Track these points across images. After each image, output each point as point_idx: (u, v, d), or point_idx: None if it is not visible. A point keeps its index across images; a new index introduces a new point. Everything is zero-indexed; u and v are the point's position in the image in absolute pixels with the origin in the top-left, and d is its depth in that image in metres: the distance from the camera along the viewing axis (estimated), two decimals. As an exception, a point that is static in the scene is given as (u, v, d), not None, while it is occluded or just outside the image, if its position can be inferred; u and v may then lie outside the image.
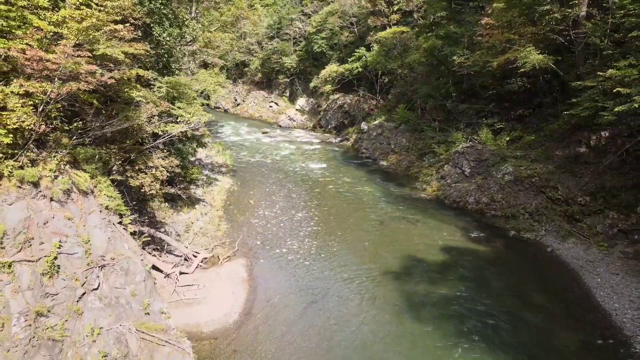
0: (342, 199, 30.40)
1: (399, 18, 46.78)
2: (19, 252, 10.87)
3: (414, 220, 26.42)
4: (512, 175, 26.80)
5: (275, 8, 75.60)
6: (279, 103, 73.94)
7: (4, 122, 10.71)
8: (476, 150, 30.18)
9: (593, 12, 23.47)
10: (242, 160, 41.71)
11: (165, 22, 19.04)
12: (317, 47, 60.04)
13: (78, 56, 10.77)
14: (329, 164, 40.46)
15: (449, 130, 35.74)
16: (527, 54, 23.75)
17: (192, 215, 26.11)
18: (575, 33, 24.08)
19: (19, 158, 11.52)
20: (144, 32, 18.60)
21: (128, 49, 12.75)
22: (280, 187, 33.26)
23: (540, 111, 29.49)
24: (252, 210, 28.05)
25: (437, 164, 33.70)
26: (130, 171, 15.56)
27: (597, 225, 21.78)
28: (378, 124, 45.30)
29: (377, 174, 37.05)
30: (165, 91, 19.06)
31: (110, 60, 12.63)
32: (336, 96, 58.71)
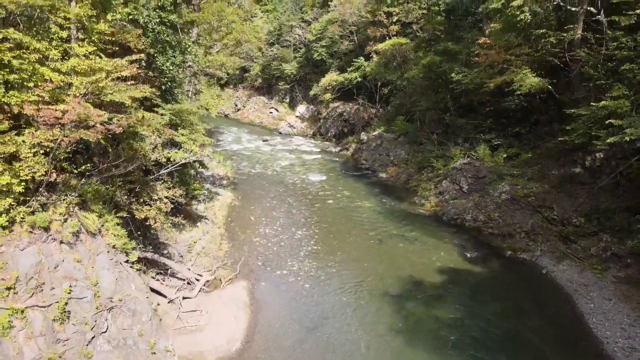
0: (341, 215, 30.86)
1: (398, 29, 47.16)
2: (30, 297, 11.34)
3: (412, 238, 26.89)
4: (508, 194, 27.26)
5: (275, 14, 75.99)
6: (279, 109, 74.38)
7: (17, 172, 11.14)
8: (474, 167, 30.63)
9: (588, 35, 23.83)
10: (243, 171, 42.14)
11: (168, 51, 19.46)
12: (317, 55, 60.45)
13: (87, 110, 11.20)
14: (329, 175, 40.88)
15: (447, 144, 36.19)
16: (523, 77, 24.19)
17: (194, 234, 26.56)
18: (570, 55, 24.51)
19: (30, 203, 11.97)
20: (147, 61, 19.02)
21: (135, 93, 13.17)
22: (280, 201, 33.70)
23: (537, 129, 29.93)
24: (253, 228, 28.49)
25: (435, 179, 34.14)
26: (135, 203, 16.00)
27: (592, 247, 22.24)
28: (377, 135, 45.76)
29: (377, 187, 37.50)
30: (169, 119, 19.48)
31: (117, 105, 13.04)
32: (336, 104, 59.13)
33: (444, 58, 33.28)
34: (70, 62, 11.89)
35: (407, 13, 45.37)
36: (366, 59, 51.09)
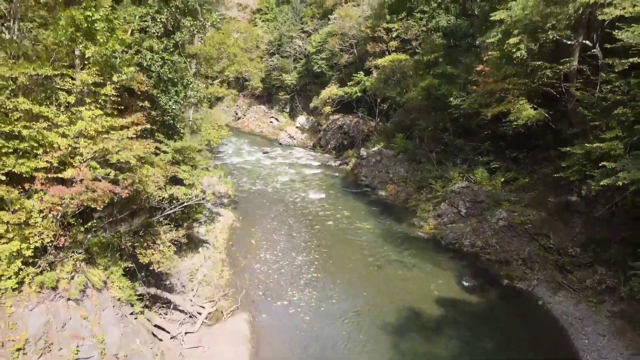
0: (341, 239, 31.22)
1: (397, 45, 47.48)
2: (39, 358, 11.71)
3: (411, 265, 27.26)
4: (506, 221, 27.63)
5: (275, 24, 76.32)
6: (280, 119, 74.77)
7: (27, 237, 11.51)
8: (472, 191, 30.99)
9: (584, 68, 24.18)
10: (243, 188, 42.53)
11: (171, 89, 19.84)
12: (317, 68, 60.82)
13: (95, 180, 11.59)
14: (329, 193, 41.25)
15: (446, 163, 36.56)
16: (520, 108, 24.54)
17: (196, 260, 26.94)
18: (566, 86, 24.87)
19: (39, 263, 12.34)
20: (150, 100, 19.39)
21: (140, 152, 13.51)
22: (280, 222, 34.06)
23: (534, 154, 30.26)
24: (254, 252, 28.87)
25: (434, 200, 34.52)
26: (139, 247, 16.37)
27: (587, 279, 22.60)
28: (377, 151, 46.10)
29: (376, 206, 37.88)
30: (172, 157, 19.86)
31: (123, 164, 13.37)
32: (336, 116, 59.49)
33: (443, 81, 33.65)
34: (77, 125, 12.26)
35: (407, 30, 45.67)
36: (366, 73, 51.43)
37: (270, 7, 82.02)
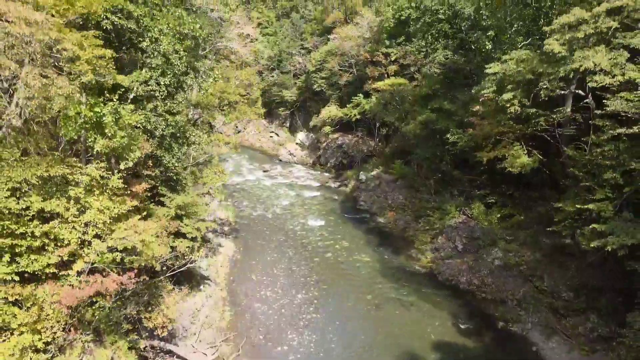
0: (340, 273, 31.76)
1: (396, 69, 48.02)
2: None
3: (408, 304, 27.81)
4: (501, 261, 28.22)
5: (275, 39, 76.85)
6: (280, 134, 75.33)
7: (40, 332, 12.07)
8: (468, 227, 31.58)
9: (577, 116, 24.70)
10: (244, 213, 43.10)
11: (174, 147, 20.41)
12: (317, 86, 61.29)
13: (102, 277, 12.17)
14: (328, 219, 41.80)
15: (443, 194, 37.13)
16: (514, 154, 25.08)
17: (198, 299, 27.50)
18: (560, 131, 25.43)
19: (50, 349, 12.90)
20: (154, 159, 19.95)
21: (146, 236, 14.06)
22: (280, 254, 34.62)
23: (529, 191, 30.79)
24: (254, 290, 29.41)
25: (431, 231, 35.08)
26: (143, 312, 16.93)
27: (580, 326, 23.16)
28: (376, 175, 46.68)
29: (375, 235, 38.44)
30: (174, 212, 20.42)
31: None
32: (335, 135, 60.05)
33: (440, 115, 34.20)
34: (86, 216, 12.83)
35: (405, 55, 46.20)
36: (365, 95, 51.93)
37: (270, 21, 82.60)
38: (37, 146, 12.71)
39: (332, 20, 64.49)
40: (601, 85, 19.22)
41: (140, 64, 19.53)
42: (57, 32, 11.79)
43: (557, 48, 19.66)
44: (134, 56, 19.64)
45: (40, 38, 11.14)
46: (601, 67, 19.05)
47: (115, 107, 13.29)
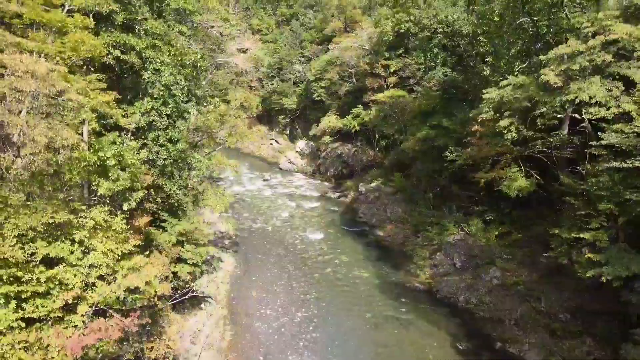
0: (339, 290, 32.01)
1: (396, 81, 48.30)
2: None
3: (407, 323, 28.08)
4: (499, 280, 28.51)
5: (275, 47, 77.10)
6: (280, 141, 75.62)
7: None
8: (467, 244, 31.88)
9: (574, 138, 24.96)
10: (244, 226, 43.37)
11: (175, 175, 20.70)
12: (317, 96, 61.52)
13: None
14: (328, 233, 42.07)
15: (442, 208, 37.43)
16: (512, 177, 25.35)
17: (199, 319, 27.78)
18: (557, 153, 25.71)
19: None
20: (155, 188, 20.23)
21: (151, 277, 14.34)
22: (280, 269, 34.89)
23: (527, 210, 31.08)
24: (254, 307, 29.67)
25: (430, 247, 35.38)
26: (146, 342, 17.22)
27: (576, 349, 23.42)
28: (375, 187, 46.95)
29: (374, 249, 38.73)
30: (176, 239, 20.70)
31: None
32: (335, 145, 60.33)
33: (439, 131, 34.50)
34: (90, 258, 13.11)
35: (404, 67, 46.48)
36: (365, 106, 52.20)
37: (270, 28, 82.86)
38: (41, 189, 12.98)
39: (331, 29, 64.73)
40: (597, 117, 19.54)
41: (142, 92, 19.83)
42: (63, 81, 12.05)
43: (553, 79, 19.94)
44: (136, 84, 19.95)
45: (46, 92, 11.46)
46: (596, 100, 19.35)
47: (119, 151, 13.58)
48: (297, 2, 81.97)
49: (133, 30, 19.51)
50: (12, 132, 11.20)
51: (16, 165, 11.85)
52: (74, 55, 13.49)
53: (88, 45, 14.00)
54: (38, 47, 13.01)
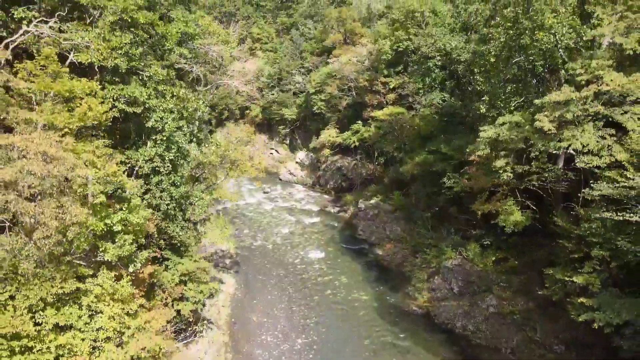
0: (338, 314, 32.51)
1: (395, 98, 48.70)
2: None
3: (405, 350, 28.61)
4: (495, 309, 29.01)
5: (275, 57, 77.45)
6: (280, 150, 76.16)
7: None
8: (464, 270, 32.37)
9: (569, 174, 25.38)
10: (244, 243, 43.93)
11: (178, 216, 21.18)
12: (317, 109, 61.86)
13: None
14: (327, 251, 42.59)
15: (440, 229, 37.91)
16: (508, 210, 25.81)
17: (200, 346, 28.25)
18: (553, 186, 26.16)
19: None
20: (159, 230, 20.72)
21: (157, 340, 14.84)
22: (280, 292, 35.41)
23: (522, 237, 31.50)
24: (255, 333, 30.20)
25: (428, 270, 35.86)
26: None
27: (570, 382, 23.96)
28: (375, 204, 47.42)
29: (373, 269, 39.27)
30: (178, 280, 21.21)
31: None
32: (335, 157, 60.84)
33: (437, 156, 34.95)
34: (97, 322, 13.61)
35: (403, 85, 46.90)
36: (364, 122, 52.60)
37: (270, 37, 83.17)
38: (50, 255, 13.44)
39: (331, 41, 65.06)
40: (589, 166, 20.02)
41: (144, 136, 20.31)
42: (71, 152, 12.52)
43: (547, 125, 20.38)
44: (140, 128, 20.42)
45: (56, 174, 11.92)
46: (589, 149, 19.82)
47: (125, 217, 14.06)
48: (297, 11, 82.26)
49: (137, 75, 19.99)
50: (24, 220, 11.69)
51: (28, 247, 12.32)
52: (80, 124, 13.95)
53: (95, 112, 14.46)
54: (47, 120, 13.47)
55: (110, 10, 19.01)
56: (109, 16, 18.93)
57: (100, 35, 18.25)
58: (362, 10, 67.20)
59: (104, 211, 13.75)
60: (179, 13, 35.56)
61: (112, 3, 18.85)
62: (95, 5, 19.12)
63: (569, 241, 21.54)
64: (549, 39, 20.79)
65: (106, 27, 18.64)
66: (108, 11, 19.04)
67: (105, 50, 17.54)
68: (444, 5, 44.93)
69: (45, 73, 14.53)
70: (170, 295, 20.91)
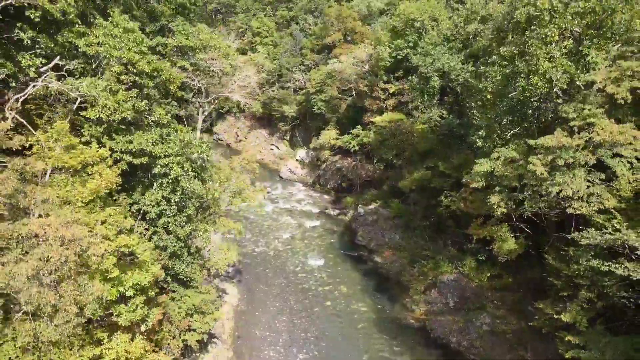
0: (338, 327, 33.70)
1: (394, 104, 49.10)
2: None
3: (401, 365, 29.95)
4: (489, 327, 30.19)
5: (275, 53, 77.34)
6: (280, 147, 76.62)
7: None
8: (460, 286, 33.49)
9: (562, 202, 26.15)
10: (246, 249, 44.90)
11: (184, 254, 22.08)
12: (317, 109, 62.16)
13: None
14: (327, 258, 43.66)
15: (437, 240, 38.88)
16: (503, 237, 26.68)
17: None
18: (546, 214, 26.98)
19: None
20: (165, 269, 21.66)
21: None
22: (283, 303, 36.55)
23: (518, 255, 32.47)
24: (258, 348, 31.43)
25: (425, 281, 36.93)
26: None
27: (558, 404, 25.18)
28: (374, 209, 48.28)
29: (372, 278, 40.38)
30: (185, 313, 22.23)
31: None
32: (335, 158, 61.45)
33: (435, 172, 35.67)
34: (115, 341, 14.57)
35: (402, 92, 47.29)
36: (364, 126, 53.03)
37: (270, 30, 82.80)
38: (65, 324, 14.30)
39: (332, 39, 64.98)
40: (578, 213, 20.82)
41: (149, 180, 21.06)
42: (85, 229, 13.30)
43: (540, 169, 21.05)
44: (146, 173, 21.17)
45: (74, 258, 12.70)
46: (579, 196, 20.55)
47: (137, 283, 14.92)
48: (296, 4, 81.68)
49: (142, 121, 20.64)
50: (45, 310, 12.51)
51: (48, 331, 13.16)
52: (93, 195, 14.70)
53: (106, 182, 15.18)
54: (62, 196, 14.19)
55: (114, 60, 19.53)
56: (115, 66, 19.46)
57: (107, 87, 18.83)
58: (362, 8, 66.84)
59: (116, 278, 14.61)
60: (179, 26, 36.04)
61: (118, 54, 19.36)
62: (101, 56, 19.63)
63: (558, 279, 22.46)
64: (544, 85, 21.32)
65: (112, 78, 19.20)
66: (113, 61, 19.57)
67: (113, 105, 18.16)
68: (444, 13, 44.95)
69: (58, 146, 15.24)
70: (177, 327, 21.96)
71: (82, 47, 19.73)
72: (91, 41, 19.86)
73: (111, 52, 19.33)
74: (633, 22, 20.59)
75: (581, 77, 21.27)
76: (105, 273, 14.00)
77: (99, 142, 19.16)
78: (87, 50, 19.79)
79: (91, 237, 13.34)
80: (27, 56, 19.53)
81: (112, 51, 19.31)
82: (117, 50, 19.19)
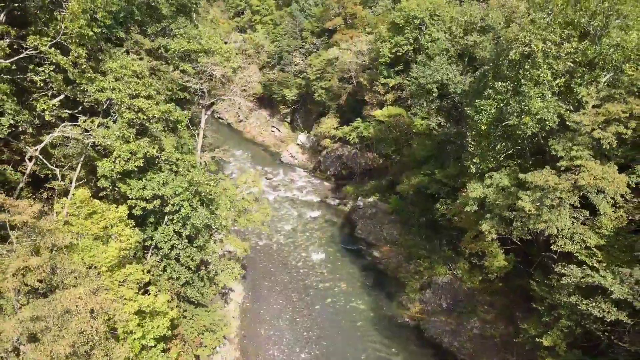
0: (338, 326, 35.86)
1: (394, 98, 49.78)
2: None
3: (396, 365, 32.26)
4: (479, 330, 32.29)
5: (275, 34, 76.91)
6: (281, 129, 77.35)
7: None
8: (454, 288, 35.42)
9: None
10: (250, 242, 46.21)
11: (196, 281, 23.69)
12: (317, 96, 62.69)
13: None
14: (328, 252, 45.53)
15: (433, 239, 40.60)
16: (493, 253, 28.30)
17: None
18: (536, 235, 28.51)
19: None
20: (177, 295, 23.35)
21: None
22: (285, 300, 38.64)
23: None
24: (264, 347, 33.66)
25: (420, 280, 38.92)
26: None
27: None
28: (373, 202, 49.80)
29: (370, 274, 42.35)
30: (197, 333, 24.10)
31: None
32: (335, 145, 62.43)
33: (431, 180, 36.94)
34: None
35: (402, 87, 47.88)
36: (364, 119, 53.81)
37: (269, 9, 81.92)
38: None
39: (332, 24, 64.68)
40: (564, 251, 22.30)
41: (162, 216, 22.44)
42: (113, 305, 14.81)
43: (528, 206, 22.34)
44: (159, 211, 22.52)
45: (104, 329, 14.18)
46: (563, 234, 21.94)
47: (159, 334, 16.54)
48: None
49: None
50: None
51: None
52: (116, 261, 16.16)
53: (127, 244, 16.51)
54: (87, 260, 15.56)
55: (125, 106, 20.51)
56: (126, 113, 20.47)
57: (120, 136, 19.92)
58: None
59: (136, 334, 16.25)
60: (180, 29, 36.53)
61: (129, 102, 20.33)
62: (114, 103, 20.61)
63: (542, 304, 24.20)
64: (535, 125, 22.29)
65: (124, 126, 20.26)
66: (124, 107, 20.56)
67: (126, 155, 19.32)
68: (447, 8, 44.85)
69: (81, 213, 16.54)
70: (190, 345, 23.90)
71: (93, 93, 20.64)
72: (102, 86, 20.75)
73: (122, 98, 20.28)
74: (623, 66, 21.37)
75: (571, 117, 22.21)
76: (129, 334, 15.66)
77: (114, 185, 20.43)
78: (98, 96, 20.72)
79: (115, 300, 14.86)
80: (42, 100, 20.52)
81: (123, 97, 20.26)
82: (127, 97, 20.13)
